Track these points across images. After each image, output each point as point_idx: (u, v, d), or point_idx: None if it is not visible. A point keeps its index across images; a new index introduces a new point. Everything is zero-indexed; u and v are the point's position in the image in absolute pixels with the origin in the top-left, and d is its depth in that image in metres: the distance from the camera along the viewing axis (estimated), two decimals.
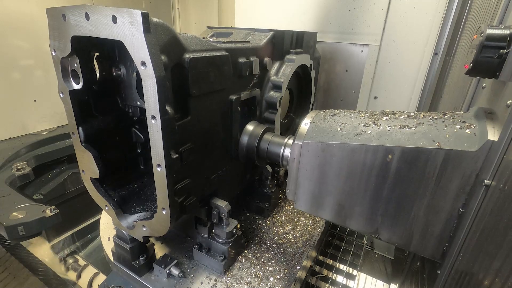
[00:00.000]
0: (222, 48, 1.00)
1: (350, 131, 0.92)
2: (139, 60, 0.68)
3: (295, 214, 1.48)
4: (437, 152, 0.77)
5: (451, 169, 0.77)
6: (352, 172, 0.91)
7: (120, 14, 0.65)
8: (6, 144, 2.06)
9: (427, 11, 1.85)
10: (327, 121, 1.00)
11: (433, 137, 0.79)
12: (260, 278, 1.11)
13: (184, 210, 0.93)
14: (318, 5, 2.17)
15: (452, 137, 0.78)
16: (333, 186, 0.96)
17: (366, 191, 0.91)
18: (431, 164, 0.79)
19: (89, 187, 1.00)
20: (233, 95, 1.09)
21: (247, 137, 1.21)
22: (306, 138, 0.96)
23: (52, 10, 0.76)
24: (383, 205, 0.90)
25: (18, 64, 2.11)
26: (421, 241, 0.89)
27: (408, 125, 0.86)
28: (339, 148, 0.90)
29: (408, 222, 0.88)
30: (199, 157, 0.98)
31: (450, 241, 0.84)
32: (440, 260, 0.88)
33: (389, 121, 0.91)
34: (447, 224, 0.83)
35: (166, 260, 1.11)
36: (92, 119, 0.95)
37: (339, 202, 0.97)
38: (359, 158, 0.88)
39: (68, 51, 0.78)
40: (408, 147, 0.80)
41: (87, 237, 2.39)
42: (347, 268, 1.70)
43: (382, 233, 0.94)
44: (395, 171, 0.84)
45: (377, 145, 0.84)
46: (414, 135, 0.82)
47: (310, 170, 0.98)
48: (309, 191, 1.01)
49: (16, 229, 1.33)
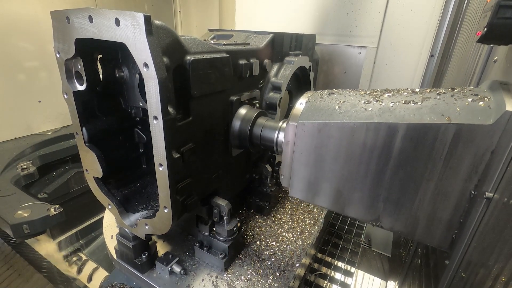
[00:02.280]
0: (222, 50, 1.00)
1: (350, 108, 0.81)
2: (141, 62, 0.68)
3: (295, 213, 1.48)
4: (446, 127, 0.67)
5: (462, 146, 0.67)
6: (351, 154, 0.81)
7: (123, 17, 0.65)
8: (11, 144, 2.06)
9: (424, 14, 1.85)
10: (324, 100, 0.89)
11: (441, 112, 0.69)
12: (260, 275, 1.11)
13: (186, 209, 0.93)
14: (316, 8, 2.17)
15: (464, 111, 0.67)
16: (331, 170, 0.86)
17: (366, 175, 0.81)
18: (439, 141, 0.69)
19: (92, 186, 1.00)
20: (233, 96, 1.09)
21: (239, 122, 1.11)
22: (301, 118, 0.86)
23: (56, 13, 0.76)
24: (385, 190, 0.80)
25: (23, 65, 2.11)
26: (427, 229, 0.79)
27: (414, 100, 0.75)
28: (337, 128, 0.80)
29: (412, 208, 0.78)
30: (200, 156, 0.98)
31: (460, 228, 0.74)
32: (448, 249, 0.79)
33: (392, 97, 0.80)
34: (457, 209, 0.73)
35: (168, 258, 1.11)
36: (95, 120, 0.95)
37: (337, 188, 0.88)
38: (359, 138, 0.78)
39: (72, 53, 0.78)
40: (413, 123, 0.70)
41: (91, 235, 2.39)
42: (345, 266, 1.70)
43: (384, 221, 0.84)
44: (399, 151, 0.74)
45: (379, 122, 0.74)
46: (420, 110, 0.71)
47: (305, 154, 0.88)
48: (304, 176, 0.92)
49: (21, 227, 1.33)
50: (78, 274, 1.98)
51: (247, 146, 1.16)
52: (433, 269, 1.36)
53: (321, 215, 1.47)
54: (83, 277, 1.96)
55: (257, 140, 1.11)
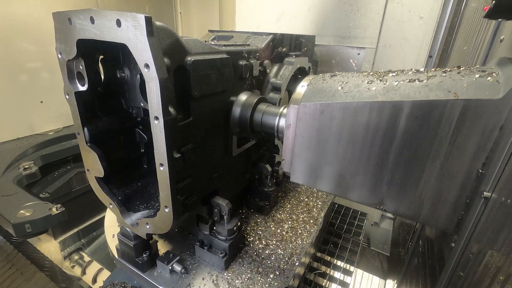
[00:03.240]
0: (223, 51, 1.00)
1: (353, 89, 0.78)
2: (142, 63, 0.68)
3: (294, 212, 1.48)
4: (453, 103, 0.64)
5: (470, 123, 0.64)
6: (354, 136, 0.78)
7: (124, 18, 0.65)
8: (13, 144, 2.06)
9: (422, 15, 1.85)
10: (326, 81, 0.86)
11: (448, 88, 0.66)
12: (260, 274, 1.11)
13: (186, 208, 0.93)
14: (316, 10, 2.17)
15: (471, 86, 0.64)
16: (333, 153, 0.83)
17: (370, 157, 0.78)
18: (446, 118, 0.66)
19: (94, 185, 1.00)
20: (233, 96, 1.09)
21: (240, 108, 1.08)
22: (303, 100, 0.83)
23: (58, 14, 0.76)
24: (389, 172, 0.77)
25: (25, 66, 2.11)
26: (432, 211, 0.76)
27: (419, 79, 0.72)
28: (340, 108, 0.77)
29: (417, 190, 0.75)
30: (201, 156, 0.98)
31: (466, 209, 0.72)
32: (454, 232, 0.76)
33: (396, 76, 0.77)
34: (464, 189, 0.70)
35: (168, 257, 1.11)
36: (97, 120, 0.95)
37: (339, 172, 0.85)
38: (362, 119, 0.75)
39: (74, 54, 0.78)
40: (419, 101, 0.67)
41: (92, 234, 2.40)
42: (344, 265, 1.70)
43: (388, 204, 0.81)
44: (403, 130, 0.71)
45: (383, 101, 0.71)
46: (426, 88, 0.69)
47: (307, 137, 0.86)
48: (306, 160, 0.89)
49: (23, 227, 1.34)
50: (82, 275, 1.98)
51: (248, 133, 1.12)
52: (430, 268, 1.36)
53: (321, 214, 1.47)
54: (88, 279, 1.96)
55: (258, 127, 1.08)
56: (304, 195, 1.64)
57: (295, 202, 1.57)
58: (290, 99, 0.88)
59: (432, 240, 1.49)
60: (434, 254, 1.39)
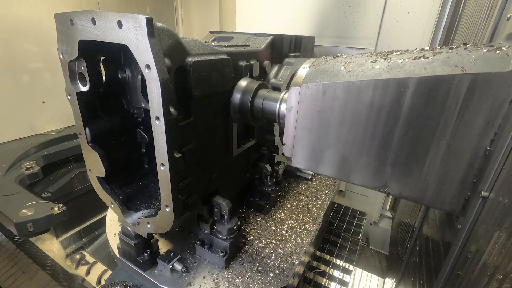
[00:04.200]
0: (223, 52, 1.00)
1: (356, 68, 0.76)
2: (143, 64, 0.68)
3: (294, 212, 1.48)
4: (461, 78, 0.62)
5: (478, 98, 0.62)
6: (357, 117, 0.76)
7: (126, 19, 0.65)
8: (15, 144, 2.06)
9: (421, 16, 1.85)
10: (329, 62, 0.84)
11: (455, 63, 0.64)
12: (260, 273, 1.11)
13: (187, 208, 0.93)
14: (315, 11, 2.17)
15: (480, 61, 0.62)
16: (336, 135, 0.81)
17: (373, 138, 0.76)
18: (453, 94, 0.64)
19: (95, 185, 1.00)
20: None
21: (240, 94, 1.06)
22: (305, 81, 0.81)
23: (60, 16, 0.76)
24: (393, 153, 0.74)
25: (27, 67, 2.11)
26: (437, 192, 0.73)
27: (424, 56, 0.69)
28: (343, 88, 0.75)
29: (422, 171, 0.73)
30: (201, 156, 0.98)
31: (473, 189, 0.69)
32: (460, 213, 0.74)
33: (401, 55, 0.74)
34: (470, 168, 0.68)
35: (169, 256, 1.11)
36: (98, 120, 0.95)
37: (342, 154, 0.82)
38: (366, 98, 0.73)
39: (76, 54, 0.78)
40: (425, 77, 0.65)
41: (94, 234, 2.39)
42: (344, 263, 1.70)
43: (392, 186, 0.79)
44: (408, 109, 0.69)
45: (387, 78, 0.69)
46: (432, 64, 0.66)
47: (309, 119, 0.83)
48: (308, 144, 0.87)
49: (25, 226, 1.34)
50: (86, 275, 1.98)
51: (249, 120, 1.10)
52: (428, 267, 1.36)
53: (320, 214, 1.47)
54: (90, 278, 1.96)
55: (258, 113, 1.06)
56: (303, 194, 1.64)
57: (294, 201, 1.57)
58: (292, 81, 0.85)
59: (430, 239, 1.49)
60: (432, 253, 1.39)
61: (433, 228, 1.50)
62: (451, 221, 1.27)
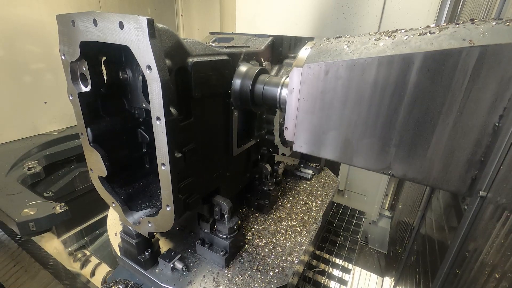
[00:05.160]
0: (223, 52, 1.00)
1: (359, 46, 0.73)
2: (144, 64, 0.68)
3: (293, 211, 1.48)
4: (469, 51, 0.59)
5: (486, 71, 0.59)
6: (361, 96, 0.73)
7: (127, 20, 0.65)
8: (18, 144, 2.06)
9: (419, 17, 1.85)
10: (331, 42, 0.82)
11: (462, 37, 0.61)
12: (260, 271, 1.11)
13: (188, 207, 0.93)
14: (315, 12, 2.17)
15: (489, 33, 0.59)
16: (338, 116, 0.78)
17: (377, 118, 0.73)
18: (460, 69, 0.61)
19: (97, 185, 1.00)
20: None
21: (240, 80, 1.02)
22: (307, 61, 0.78)
23: (62, 17, 0.76)
24: (398, 133, 0.72)
25: (30, 68, 2.11)
26: (443, 172, 0.71)
27: (430, 31, 0.67)
28: (346, 67, 0.72)
29: (428, 151, 0.70)
30: (202, 156, 0.98)
31: (480, 167, 0.67)
32: (467, 194, 0.72)
33: (405, 32, 0.71)
34: (478, 146, 0.65)
35: (170, 255, 1.11)
36: (100, 120, 0.95)
37: (345, 136, 0.80)
38: (370, 76, 0.70)
39: (77, 55, 0.78)
40: (431, 51, 0.62)
41: (95, 233, 2.39)
42: (343, 262, 1.70)
43: (396, 168, 0.76)
44: (414, 86, 0.66)
45: (392, 55, 0.67)
46: (438, 38, 0.64)
47: (311, 101, 0.81)
48: (310, 127, 0.84)
49: (28, 225, 1.33)
50: (89, 275, 1.98)
51: (249, 106, 1.07)
52: (426, 266, 1.36)
53: (320, 213, 1.47)
54: (92, 277, 1.96)
55: (259, 99, 1.03)
56: (303, 194, 1.64)
57: (294, 201, 1.57)
58: (294, 62, 0.83)
59: (428, 238, 1.49)
60: (429, 253, 1.39)
61: (431, 228, 1.50)
62: (449, 220, 1.28)
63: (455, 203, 1.26)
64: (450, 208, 1.34)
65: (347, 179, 2.84)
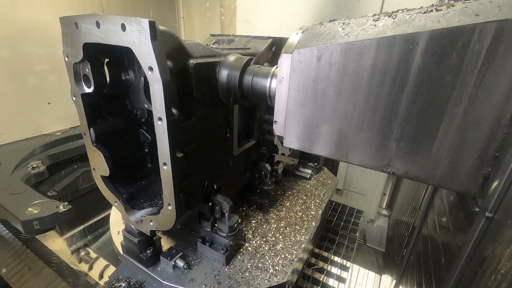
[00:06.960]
0: (224, 54, 1.00)
1: (356, 28, 0.64)
2: (146, 66, 0.68)
3: (293, 210, 1.48)
4: (483, 28, 0.49)
5: (504, 51, 0.49)
6: (357, 84, 0.64)
7: (129, 23, 0.65)
8: (22, 144, 2.06)
9: None
10: (324, 25, 0.72)
11: (475, 12, 0.51)
12: (260, 269, 1.11)
13: (189, 206, 0.93)
14: (313, 14, 2.17)
15: (507, 6, 0.49)
16: (333, 107, 0.69)
17: (376, 108, 0.64)
18: (473, 49, 0.51)
19: (99, 184, 1.00)
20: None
21: (228, 71, 0.90)
22: (297, 46, 0.69)
23: (65, 19, 0.77)
24: (400, 125, 0.62)
25: (33, 69, 2.11)
26: (451, 170, 0.61)
27: (437, 8, 0.57)
28: (341, 51, 0.63)
29: (434, 145, 0.61)
30: (203, 156, 0.98)
31: (495, 164, 0.56)
32: (478, 194, 0.61)
33: (407, 11, 0.62)
34: (491, 139, 0.55)
35: (172, 253, 1.11)
36: (102, 121, 0.95)
37: (339, 130, 0.71)
38: (367, 61, 0.61)
39: (80, 57, 0.78)
40: (438, 30, 0.52)
41: (98, 231, 2.39)
42: (341, 260, 1.70)
43: (397, 165, 0.66)
44: (418, 70, 0.57)
45: (393, 35, 0.57)
46: (447, 15, 0.54)
47: (302, 91, 0.71)
48: (301, 119, 0.75)
49: (32, 224, 1.34)
50: (89, 271, 1.98)
51: (237, 99, 0.96)
52: (426, 265, 1.36)
53: (319, 212, 1.47)
54: (94, 274, 1.96)
55: (248, 91, 0.92)
56: (302, 193, 1.64)
57: (293, 200, 1.57)
58: (283, 48, 0.73)
59: (431, 238, 1.49)
60: (431, 253, 1.38)
61: (434, 228, 1.47)
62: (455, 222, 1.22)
63: (463, 204, 1.08)
64: (456, 209, 1.17)
65: (345, 178, 2.84)
